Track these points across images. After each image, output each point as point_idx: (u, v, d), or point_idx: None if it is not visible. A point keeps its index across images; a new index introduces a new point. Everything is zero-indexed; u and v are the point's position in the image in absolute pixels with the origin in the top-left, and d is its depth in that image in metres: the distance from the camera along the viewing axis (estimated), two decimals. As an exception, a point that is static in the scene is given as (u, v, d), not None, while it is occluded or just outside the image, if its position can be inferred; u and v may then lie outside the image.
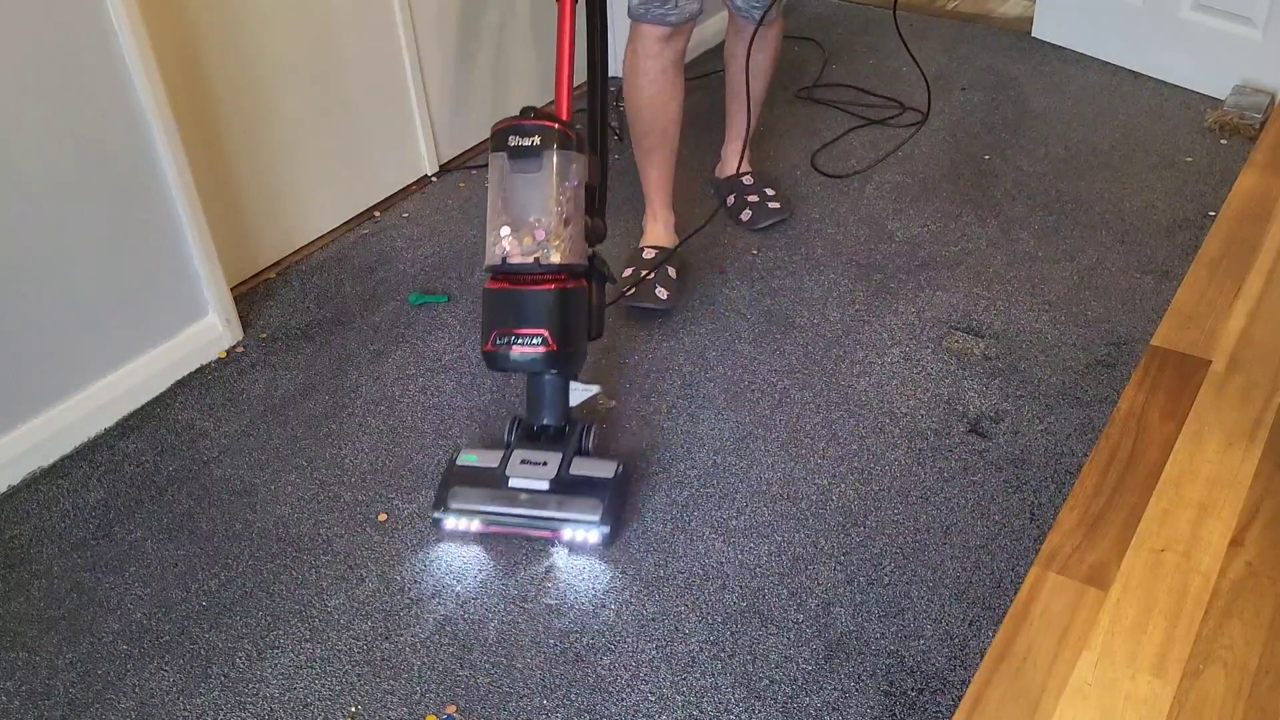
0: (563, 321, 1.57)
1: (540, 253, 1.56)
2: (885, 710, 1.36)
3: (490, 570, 1.57)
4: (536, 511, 1.58)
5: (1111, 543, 1.40)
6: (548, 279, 1.58)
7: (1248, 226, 2.02)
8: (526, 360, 1.57)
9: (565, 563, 1.58)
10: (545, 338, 1.56)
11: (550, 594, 1.53)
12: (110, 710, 1.40)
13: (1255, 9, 2.60)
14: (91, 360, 1.83)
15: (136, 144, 1.79)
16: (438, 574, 1.57)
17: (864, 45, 3.15)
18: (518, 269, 1.57)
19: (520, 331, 1.56)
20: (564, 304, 1.58)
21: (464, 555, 1.60)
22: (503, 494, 1.60)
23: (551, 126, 1.58)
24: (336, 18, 2.20)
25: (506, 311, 1.57)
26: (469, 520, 1.61)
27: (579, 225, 1.61)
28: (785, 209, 2.33)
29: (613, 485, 1.61)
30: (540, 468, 1.61)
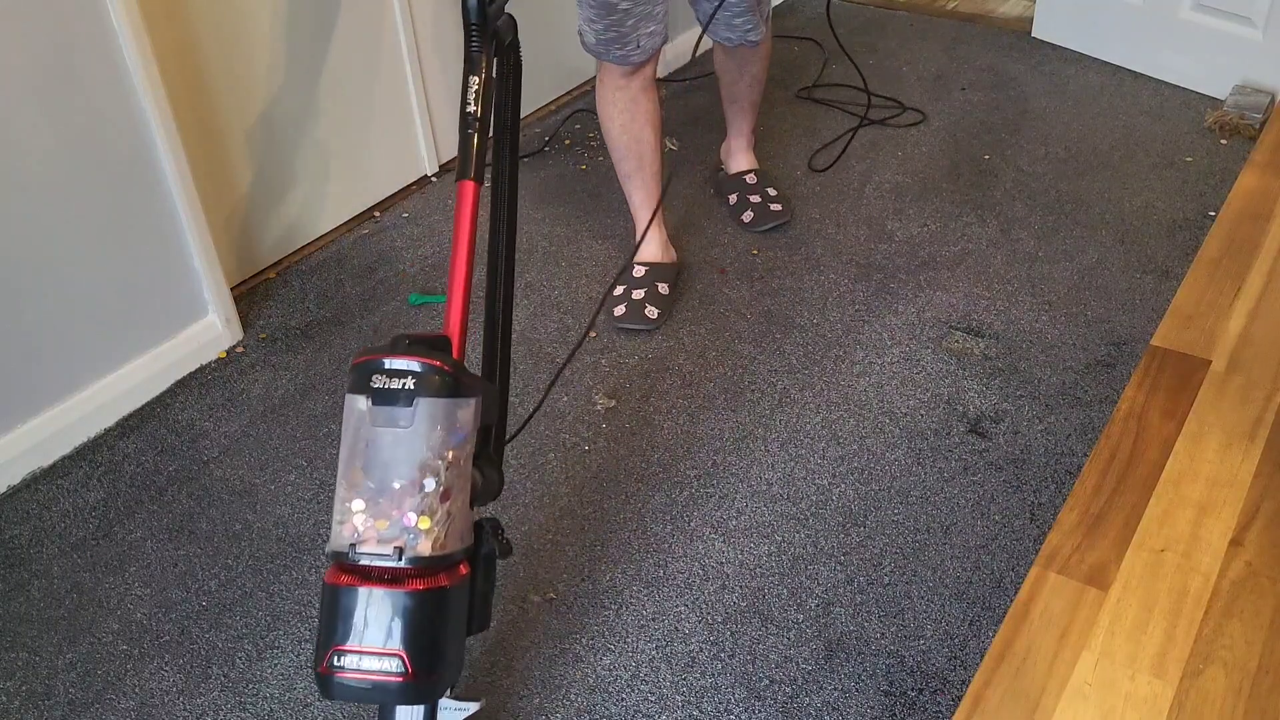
0: (428, 637, 1.13)
1: (403, 540, 1.12)
2: (885, 710, 1.36)
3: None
4: None
5: (1111, 543, 1.40)
6: (410, 577, 1.13)
7: (1248, 226, 2.02)
8: (374, 692, 1.12)
9: None
10: (401, 661, 1.12)
11: None
12: (110, 710, 1.40)
13: (1255, 9, 2.60)
14: (91, 360, 1.83)
15: (136, 144, 1.79)
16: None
17: (864, 45, 3.15)
18: (373, 561, 1.12)
19: (367, 651, 1.12)
20: (432, 612, 1.13)
21: None
22: None
23: (432, 364, 1.15)
24: (336, 18, 2.20)
25: (348, 622, 1.12)
26: None
27: (464, 497, 1.17)
28: (786, 211, 2.33)
29: None
30: None
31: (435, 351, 1.18)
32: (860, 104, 2.81)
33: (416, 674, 1.11)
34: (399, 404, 1.14)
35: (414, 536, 1.12)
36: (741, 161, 2.41)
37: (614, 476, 1.72)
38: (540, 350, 1.99)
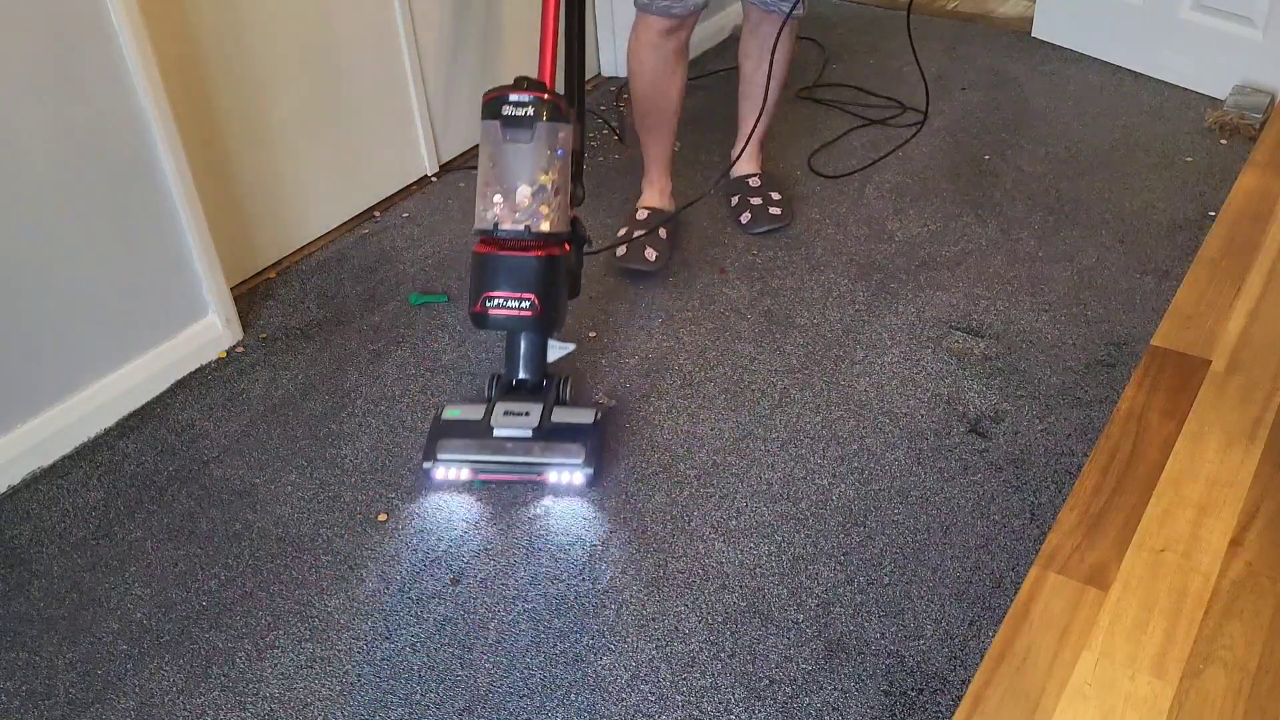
0: (547, 287, 1.67)
1: (530, 221, 1.65)
2: (885, 710, 1.36)
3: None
4: (522, 458, 1.68)
5: (1111, 543, 1.40)
6: (535, 247, 1.67)
7: (1248, 226, 2.02)
8: (514, 322, 1.67)
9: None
10: (532, 302, 1.66)
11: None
12: (110, 710, 1.40)
13: (1255, 9, 2.60)
14: (91, 360, 1.83)
15: (136, 144, 1.79)
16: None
17: (864, 45, 3.15)
18: (509, 234, 1.65)
19: (509, 295, 1.66)
20: (549, 271, 1.67)
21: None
22: (489, 443, 1.69)
23: (543, 97, 1.66)
24: (336, 18, 2.20)
25: (496, 276, 1.66)
26: (458, 469, 1.70)
27: (565, 194, 1.70)
28: (785, 215, 2.32)
29: (592, 430, 1.72)
30: (523, 417, 1.70)
31: (544, 88, 1.69)
32: (859, 104, 2.81)
33: (542, 312, 1.67)
34: (522, 125, 1.65)
35: (536, 219, 1.65)
36: (746, 165, 2.41)
37: (614, 476, 1.72)
38: (540, 350, 1.99)
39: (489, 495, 1.70)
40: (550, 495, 1.69)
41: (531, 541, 1.62)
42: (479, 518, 1.66)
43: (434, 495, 1.70)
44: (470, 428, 1.72)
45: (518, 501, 1.69)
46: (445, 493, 1.70)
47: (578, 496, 1.68)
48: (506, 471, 1.70)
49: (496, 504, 1.68)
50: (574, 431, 1.71)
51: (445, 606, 1.52)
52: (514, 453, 1.68)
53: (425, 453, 1.71)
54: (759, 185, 2.37)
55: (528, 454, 1.68)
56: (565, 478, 1.68)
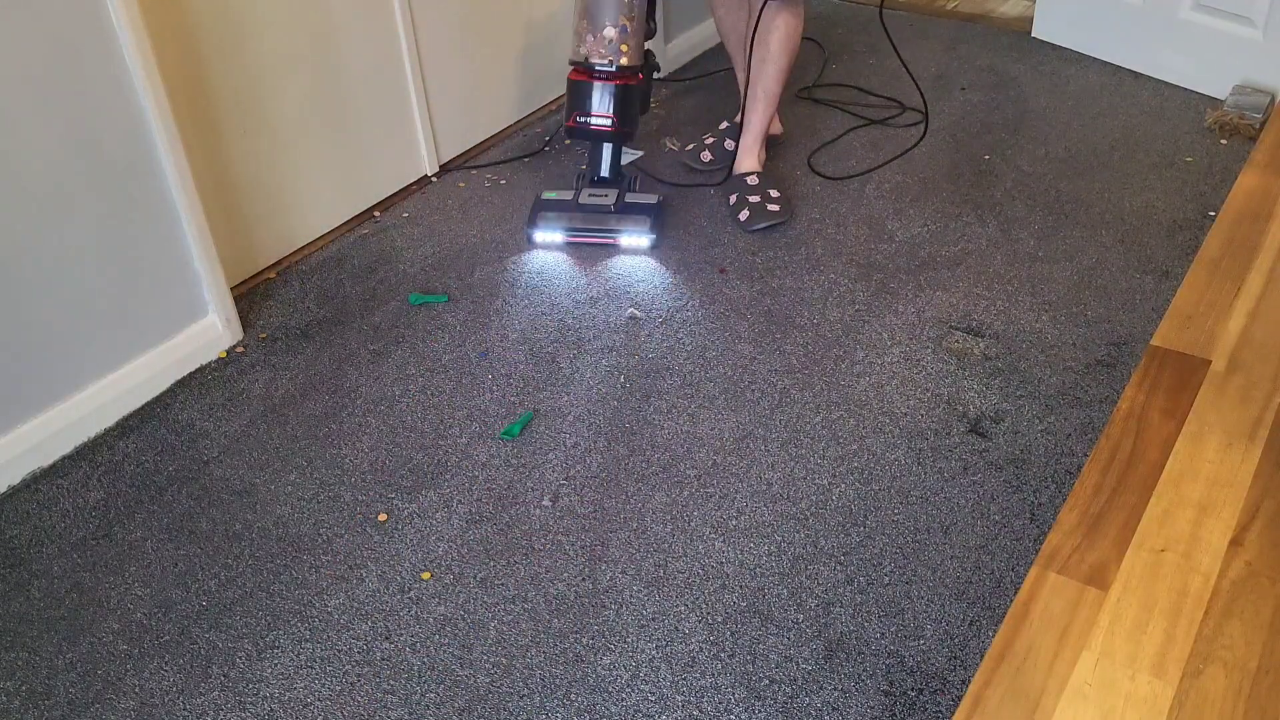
0: (625, 108, 2.20)
1: (614, 56, 2.15)
2: (885, 710, 1.36)
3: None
4: (602, 225, 2.23)
5: (1111, 543, 1.40)
6: (616, 76, 2.17)
7: (1248, 226, 2.02)
8: (598, 135, 2.23)
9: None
10: (613, 120, 2.20)
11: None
12: (110, 710, 1.40)
13: (1255, 9, 2.60)
14: (91, 360, 1.83)
15: (136, 144, 1.79)
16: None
17: (864, 45, 3.15)
18: (598, 66, 2.16)
19: (595, 114, 2.19)
20: (627, 95, 2.20)
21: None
22: (577, 214, 2.24)
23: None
24: (336, 18, 2.20)
25: (586, 98, 2.19)
26: (554, 233, 2.25)
27: (641, 33, 2.18)
28: (784, 213, 2.32)
29: (656, 208, 2.27)
30: (604, 197, 2.26)
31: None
32: (859, 104, 2.81)
33: (619, 126, 2.23)
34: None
35: (618, 55, 2.17)
36: (746, 162, 2.41)
37: (614, 476, 1.72)
38: (540, 350, 1.99)
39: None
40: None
41: (531, 541, 1.61)
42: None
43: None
44: (564, 204, 2.26)
45: (517, 501, 1.68)
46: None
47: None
48: (589, 235, 2.23)
49: (496, 501, 1.68)
50: (642, 208, 2.26)
51: (445, 606, 1.52)
52: (597, 219, 2.23)
53: (528, 221, 2.26)
54: (757, 183, 2.37)
55: (605, 222, 2.23)
56: (634, 241, 2.23)
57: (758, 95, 2.34)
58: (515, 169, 2.60)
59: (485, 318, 2.09)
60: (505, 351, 2.00)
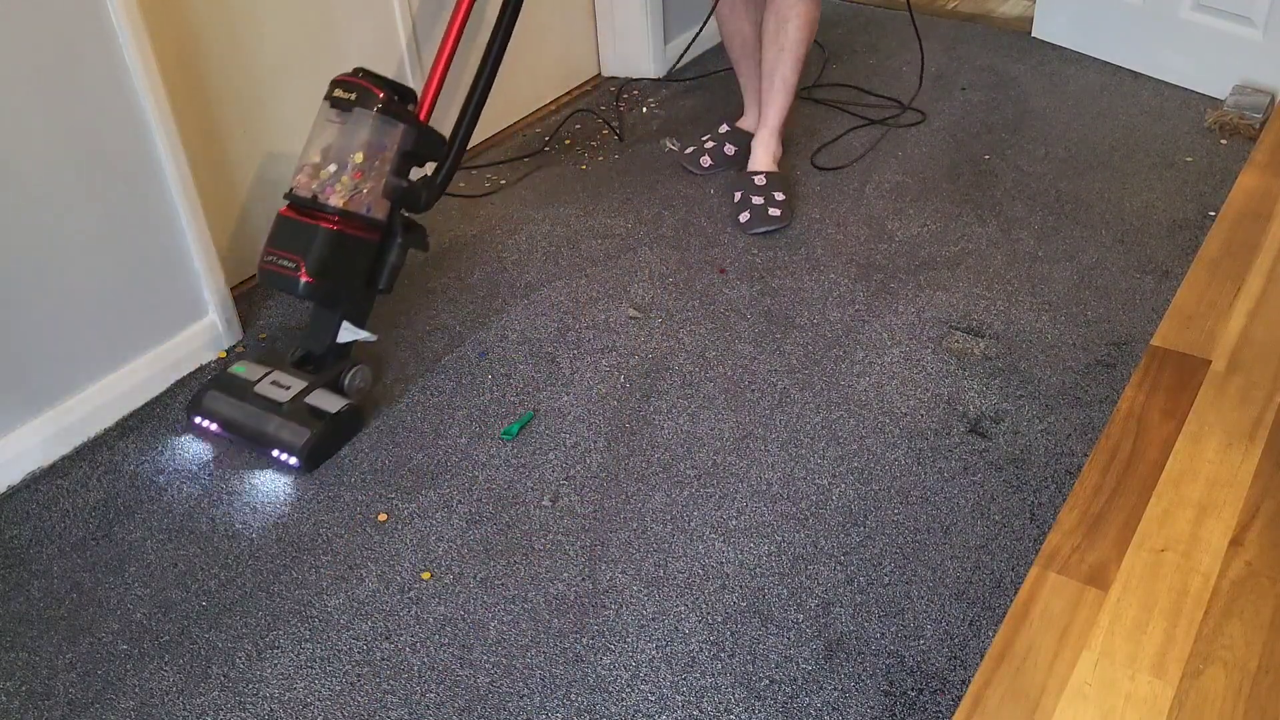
0: (322, 257, 1.73)
1: (321, 192, 1.76)
2: (885, 710, 1.36)
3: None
4: (258, 427, 1.76)
5: (1111, 543, 1.40)
6: (324, 217, 1.75)
7: (1248, 226, 2.02)
8: (281, 282, 1.75)
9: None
10: (298, 264, 1.72)
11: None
12: (110, 710, 1.40)
13: (1255, 9, 2.60)
14: (91, 360, 1.83)
15: (136, 144, 1.79)
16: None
17: (864, 45, 3.15)
18: (301, 201, 1.77)
19: (281, 255, 1.75)
20: (329, 242, 1.74)
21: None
22: (245, 405, 1.78)
23: (372, 90, 1.78)
24: (336, 17, 2.20)
25: (279, 234, 1.77)
26: (213, 424, 1.80)
27: (375, 184, 1.79)
28: (785, 218, 2.30)
29: (328, 419, 1.75)
30: (284, 390, 1.78)
31: (387, 86, 1.80)
32: (859, 104, 2.81)
33: (310, 276, 1.72)
34: (344, 108, 1.78)
35: (328, 191, 1.76)
36: (759, 158, 2.39)
37: (614, 476, 1.72)
38: (540, 350, 1.99)
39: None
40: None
41: (531, 541, 1.61)
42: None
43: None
44: (241, 387, 1.80)
45: (517, 501, 1.68)
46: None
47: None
48: (243, 438, 1.78)
49: (498, 500, 1.68)
50: (311, 416, 1.75)
51: (445, 606, 1.52)
52: (257, 419, 1.76)
53: (192, 399, 1.83)
54: (764, 184, 2.35)
55: (264, 424, 1.75)
56: (282, 457, 1.74)
57: (775, 86, 2.32)
58: (515, 169, 2.60)
59: (485, 318, 2.09)
60: (505, 351, 2.00)
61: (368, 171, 1.77)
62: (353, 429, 1.81)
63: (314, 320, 1.85)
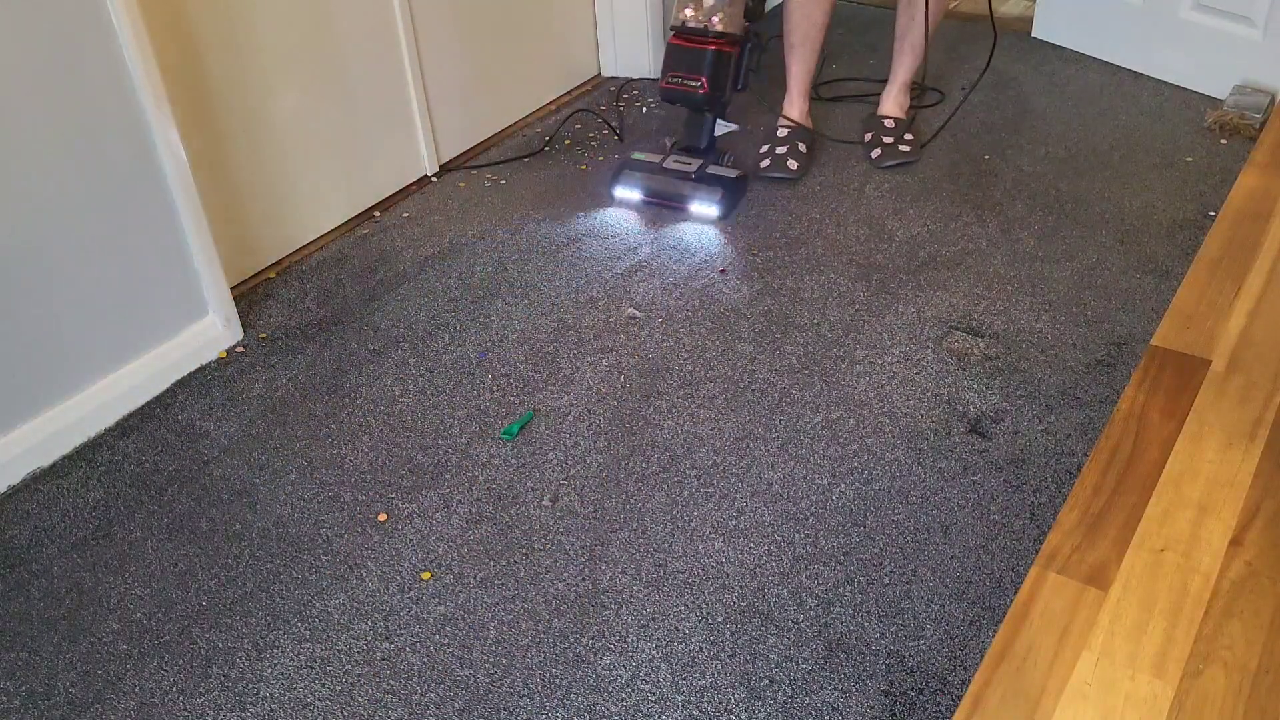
0: (715, 73, 2.27)
1: (708, 20, 2.25)
2: (885, 710, 1.36)
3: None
4: (677, 190, 2.32)
5: (1111, 543, 1.41)
6: (710, 41, 2.26)
7: (1248, 226, 2.02)
8: (687, 98, 2.31)
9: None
10: (701, 83, 2.27)
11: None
12: (110, 710, 1.40)
13: (1255, 9, 2.60)
14: (91, 360, 1.83)
15: (136, 144, 1.79)
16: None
17: (864, 45, 3.15)
18: (692, 30, 2.27)
19: (686, 76, 2.28)
20: (718, 61, 2.28)
21: None
22: (658, 176, 2.35)
23: None
24: (336, 17, 2.20)
25: (680, 61, 2.28)
26: (634, 192, 2.37)
27: (739, 4, 2.27)
28: (914, 153, 2.53)
29: (733, 183, 2.34)
30: (687, 164, 2.36)
31: None
32: (864, 96, 2.81)
33: (708, 91, 2.29)
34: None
35: (713, 20, 2.26)
36: (889, 106, 2.62)
37: (614, 476, 1.72)
38: (540, 350, 2.00)
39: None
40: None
41: (531, 541, 1.61)
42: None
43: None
44: (649, 165, 2.37)
45: (517, 501, 1.69)
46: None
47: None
48: (663, 198, 2.33)
49: (499, 501, 1.68)
50: (719, 180, 2.32)
51: (445, 606, 1.52)
52: (674, 184, 2.32)
53: (612, 177, 2.38)
54: (893, 127, 2.58)
55: (681, 188, 2.31)
56: (703, 209, 2.31)
57: (904, 50, 2.57)
58: (515, 169, 2.60)
59: (485, 318, 2.09)
60: (505, 351, 2.00)
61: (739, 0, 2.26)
62: (743, 191, 2.38)
63: (691, 123, 2.38)
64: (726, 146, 2.48)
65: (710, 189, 2.29)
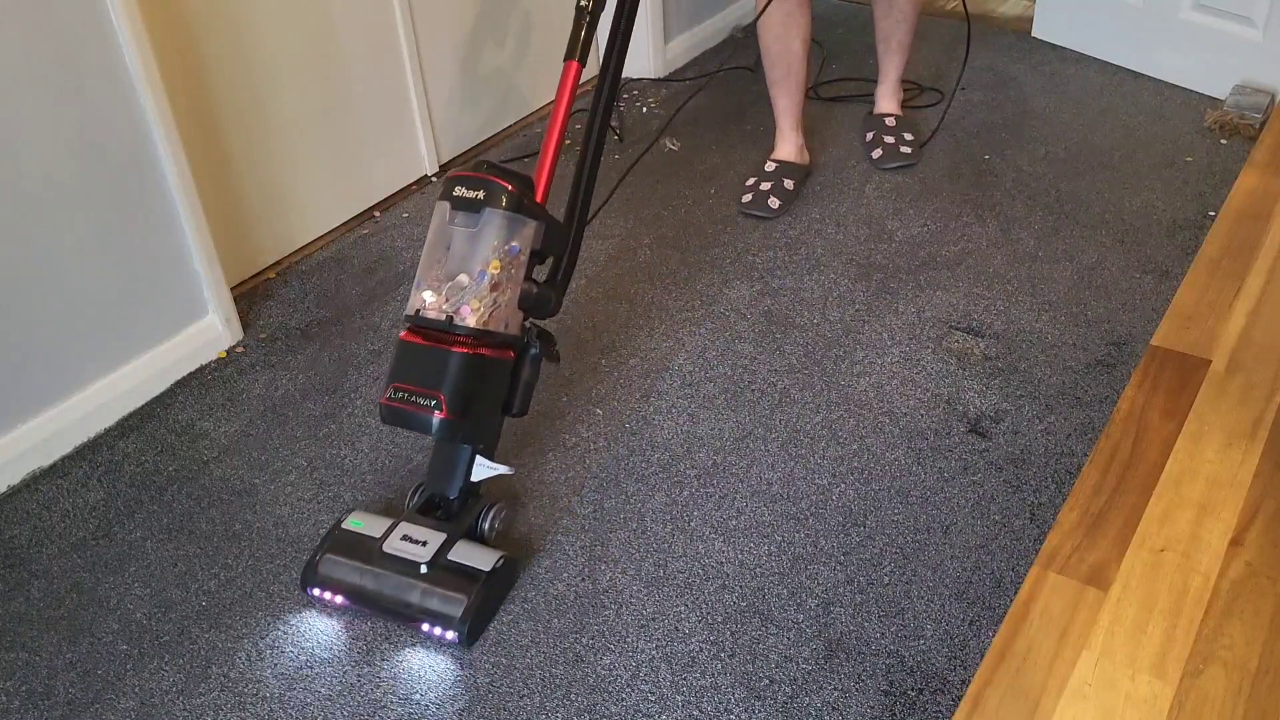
0: (464, 389, 1.45)
1: (455, 312, 1.47)
2: (885, 710, 1.36)
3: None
4: (399, 596, 1.46)
5: (1111, 543, 1.41)
6: (460, 341, 1.47)
7: (1248, 226, 2.03)
8: (418, 421, 1.45)
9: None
10: (439, 401, 1.44)
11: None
12: (110, 710, 1.40)
13: (1255, 9, 2.60)
14: (91, 360, 1.83)
15: (136, 144, 1.79)
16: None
17: (864, 45, 3.15)
18: (430, 324, 1.48)
19: (415, 390, 1.45)
20: (470, 371, 1.46)
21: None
22: (374, 569, 1.48)
23: (502, 184, 1.49)
24: (336, 18, 2.20)
25: (409, 366, 1.47)
26: (336, 595, 1.50)
27: (512, 293, 1.51)
28: (915, 155, 2.51)
29: (485, 580, 1.46)
30: (420, 547, 1.48)
31: (513, 178, 1.52)
32: (864, 96, 2.81)
33: (450, 414, 1.44)
34: (471, 210, 1.49)
35: (462, 311, 1.47)
36: (886, 104, 2.62)
37: (614, 476, 1.72)
38: (540, 350, 1.99)
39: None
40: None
41: (531, 541, 1.61)
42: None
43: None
44: (362, 546, 1.50)
45: (517, 502, 1.69)
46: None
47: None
48: (381, 609, 1.48)
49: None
50: (465, 578, 1.46)
51: (445, 606, 1.52)
52: (394, 585, 1.46)
53: (305, 566, 1.52)
54: (894, 125, 2.56)
55: (406, 592, 1.46)
56: (438, 631, 1.45)
57: (892, 49, 2.54)
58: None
59: (485, 318, 2.09)
60: (505, 351, 2.00)
61: (505, 281, 1.50)
62: (508, 584, 1.53)
63: (438, 459, 1.56)
64: (498, 495, 1.65)
65: (445, 599, 1.45)
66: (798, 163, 2.46)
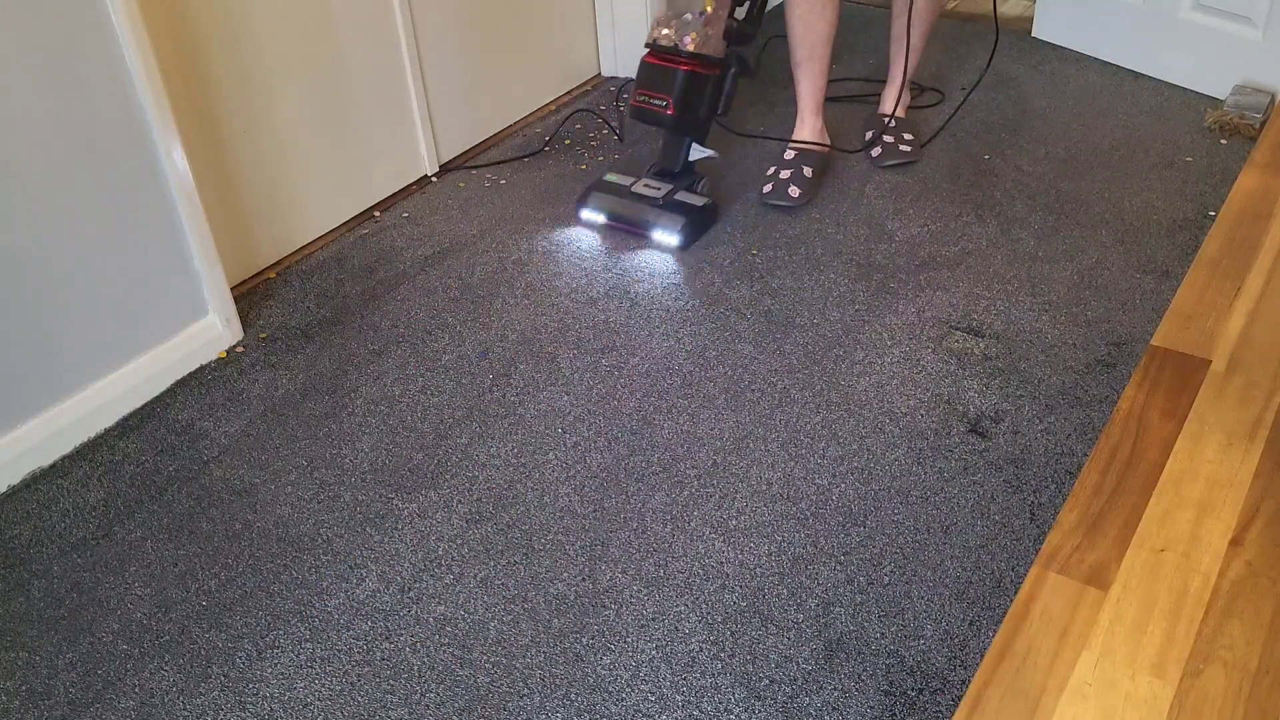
0: (686, 95, 2.18)
1: (679, 40, 2.14)
2: (885, 710, 1.36)
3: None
4: (639, 215, 2.25)
5: (1111, 543, 1.41)
6: (684, 63, 2.16)
7: (1248, 226, 2.02)
8: (653, 118, 2.22)
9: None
10: (667, 102, 2.17)
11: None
12: (110, 710, 1.40)
13: (1255, 9, 2.60)
14: (91, 360, 1.83)
15: (136, 144, 1.79)
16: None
17: (864, 45, 3.15)
18: (663, 49, 2.17)
19: (654, 95, 2.19)
20: (690, 84, 2.18)
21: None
22: (624, 200, 2.28)
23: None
24: (336, 18, 2.20)
25: (649, 79, 2.20)
26: (598, 215, 2.30)
27: (718, 26, 2.16)
28: (915, 154, 2.52)
29: (698, 211, 2.25)
30: (656, 190, 2.29)
31: None
32: (864, 96, 2.81)
33: (677, 114, 2.19)
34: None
35: (686, 39, 2.14)
36: (889, 105, 2.62)
37: (614, 476, 1.72)
38: (540, 350, 1.99)
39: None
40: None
41: (531, 541, 1.61)
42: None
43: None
44: (618, 188, 2.30)
45: (517, 502, 1.69)
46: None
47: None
48: (626, 223, 2.27)
49: (497, 506, 1.68)
50: (684, 209, 2.23)
51: (445, 606, 1.52)
52: (638, 210, 2.25)
53: (580, 197, 2.32)
54: (894, 126, 2.57)
55: (644, 213, 2.25)
56: (663, 238, 2.24)
57: (902, 50, 2.55)
58: (515, 169, 2.60)
59: (485, 318, 2.09)
60: (505, 351, 2.00)
61: (714, 18, 2.14)
62: (710, 222, 2.29)
63: (667, 145, 2.30)
64: (705, 172, 2.39)
65: (672, 218, 2.22)
66: (816, 147, 2.47)
